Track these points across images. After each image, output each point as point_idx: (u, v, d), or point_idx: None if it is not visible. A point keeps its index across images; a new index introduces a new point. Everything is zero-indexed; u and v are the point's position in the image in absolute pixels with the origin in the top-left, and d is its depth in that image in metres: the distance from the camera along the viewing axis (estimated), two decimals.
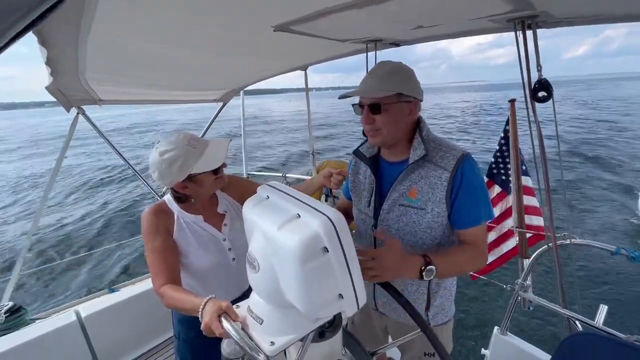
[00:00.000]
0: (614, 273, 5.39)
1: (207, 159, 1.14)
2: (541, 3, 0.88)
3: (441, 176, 1.02)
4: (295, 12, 0.98)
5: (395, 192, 1.09)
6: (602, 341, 1.13)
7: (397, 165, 1.12)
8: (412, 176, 1.07)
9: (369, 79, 1.05)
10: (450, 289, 1.22)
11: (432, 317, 1.20)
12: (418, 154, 1.04)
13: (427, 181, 1.04)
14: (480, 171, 1.07)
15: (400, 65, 1.04)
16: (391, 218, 1.11)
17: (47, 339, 1.83)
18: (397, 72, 1.03)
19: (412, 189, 1.06)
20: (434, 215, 1.05)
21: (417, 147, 1.05)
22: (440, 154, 1.05)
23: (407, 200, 1.07)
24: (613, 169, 12.15)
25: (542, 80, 1.08)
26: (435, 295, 1.17)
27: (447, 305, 1.22)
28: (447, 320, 1.24)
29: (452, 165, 1.02)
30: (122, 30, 1.09)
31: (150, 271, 1.12)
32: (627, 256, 1.27)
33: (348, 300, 0.73)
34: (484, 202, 1.05)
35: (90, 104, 2.06)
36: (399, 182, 1.08)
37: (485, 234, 1.10)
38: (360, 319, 1.40)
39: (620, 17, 1.03)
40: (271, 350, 0.74)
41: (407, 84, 1.02)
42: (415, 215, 1.07)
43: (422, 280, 0.96)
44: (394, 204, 1.10)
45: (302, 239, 0.63)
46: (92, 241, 8.29)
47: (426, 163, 1.05)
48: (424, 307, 1.18)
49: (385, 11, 0.95)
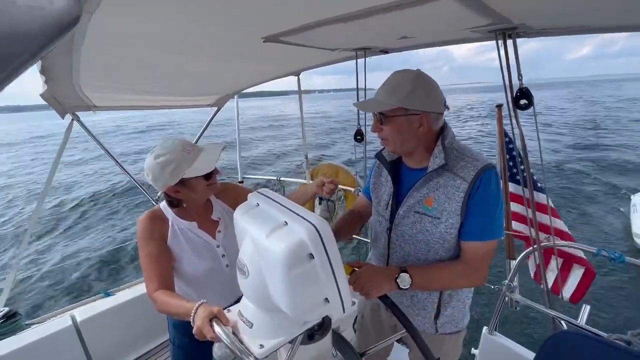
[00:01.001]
0: (597, 274, 5.51)
1: (199, 164, 1.16)
2: (518, 17, 0.92)
3: (459, 187, 1.00)
4: (283, 25, 1.01)
5: (412, 199, 1.08)
6: (584, 340, 1.17)
7: (417, 172, 1.11)
8: (430, 184, 1.05)
9: (380, 89, 1.04)
10: (465, 301, 1.21)
11: (440, 326, 1.19)
12: (437, 163, 1.02)
13: (444, 190, 1.02)
14: (500, 187, 1.04)
15: (412, 76, 1.00)
16: (405, 224, 1.11)
17: (43, 343, 1.84)
18: (405, 84, 1.00)
19: (429, 197, 1.05)
20: (447, 226, 1.03)
21: (437, 156, 1.03)
22: (462, 164, 1.02)
23: (423, 208, 1.06)
24: (608, 170, 12.31)
25: (523, 88, 1.12)
26: (446, 305, 1.16)
27: (459, 317, 1.21)
28: (456, 331, 1.23)
29: (471, 176, 0.99)
30: (115, 39, 1.11)
31: (144, 276, 1.14)
32: (608, 257, 1.32)
33: (334, 305, 0.76)
34: (492, 219, 1.01)
35: (84, 110, 2.07)
36: (417, 189, 1.07)
37: (489, 253, 1.05)
38: (369, 313, 1.41)
39: (596, 28, 1.07)
40: (260, 353, 0.76)
41: (412, 97, 0.99)
42: (430, 224, 1.05)
43: (400, 290, 0.98)
44: (409, 210, 1.09)
45: (288, 245, 0.66)
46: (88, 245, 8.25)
47: (445, 172, 1.03)
48: (434, 315, 1.17)
49: (369, 24, 0.98)
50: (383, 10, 0.82)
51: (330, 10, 0.88)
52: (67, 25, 0.23)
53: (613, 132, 20.03)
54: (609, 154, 14.46)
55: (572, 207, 8.78)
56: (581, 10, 0.88)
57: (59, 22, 0.23)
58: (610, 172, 11.87)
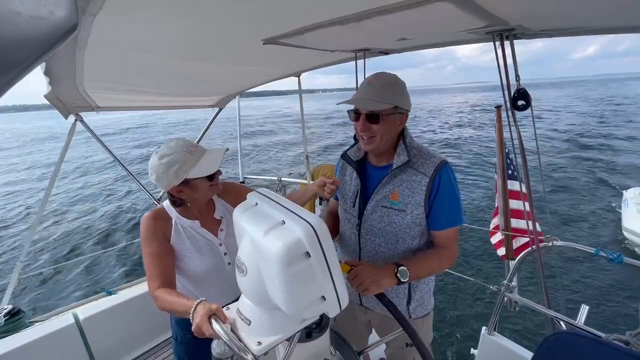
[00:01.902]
0: (595, 274, 5.55)
1: (203, 165, 1.18)
2: (514, 18, 0.92)
3: (421, 181, 1.11)
4: (282, 27, 1.03)
5: (379, 195, 1.17)
6: (581, 340, 1.17)
7: (382, 170, 1.20)
8: (394, 180, 1.15)
9: (367, 89, 1.11)
10: (429, 283, 1.30)
11: (412, 311, 1.28)
12: (401, 160, 1.12)
13: (408, 185, 1.13)
14: (456, 179, 1.15)
15: (395, 78, 1.12)
16: (374, 218, 1.18)
17: (46, 341, 1.86)
18: (392, 84, 1.10)
19: (395, 192, 1.14)
20: (413, 216, 1.13)
21: (401, 154, 1.14)
22: (421, 161, 1.13)
23: (389, 203, 1.15)
24: (604, 169, 12.34)
25: (520, 89, 1.13)
26: (415, 289, 1.25)
27: (427, 299, 1.30)
28: (426, 313, 1.32)
29: (431, 171, 1.10)
30: (118, 42, 1.13)
31: (147, 274, 1.16)
32: (606, 258, 1.32)
33: (330, 302, 0.77)
34: (457, 208, 1.14)
35: (87, 111, 2.10)
36: (383, 185, 1.16)
37: (456, 237, 1.19)
38: (343, 314, 1.45)
39: (593, 30, 1.08)
40: (258, 349, 0.78)
41: (401, 97, 1.10)
42: (396, 217, 1.14)
43: (400, 284, 1.03)
44: (377, 205, 1.17)
45: (285, 244, 0.68)
46: (90, 244, 8.31)
47: (408, 168, 1.13)
48: (406, 301, 1.26)
49: (366, 27, 0.99)
50: (379, 13, 0.83)
51: (327, 13, 0.89)
52: (65, 33, 0.25)
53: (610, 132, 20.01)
54: (603, 154, 14.56)
55: (567, 204, 8.89)
56: (576, 12, 0.89)
57: (58, 31, 0.25)
58: (606, 171, 11.98)
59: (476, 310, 4.64)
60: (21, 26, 0.22)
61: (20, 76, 0.24)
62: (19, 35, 0.23)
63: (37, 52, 0.24)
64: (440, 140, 20.45)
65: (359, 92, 1.13)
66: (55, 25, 0.24)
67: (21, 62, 0.23)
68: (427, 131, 24.80)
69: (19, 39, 0.23)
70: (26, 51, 0.23)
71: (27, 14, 0.22)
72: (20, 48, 0.23)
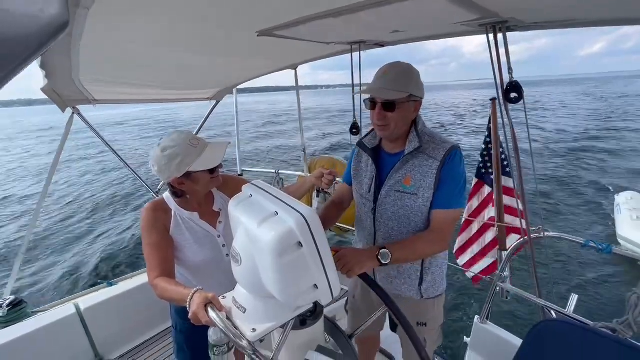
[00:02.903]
0: (585, 264, 5.67)
1: (205, 159, 1.19)
2: (506, 11, 0.93)
3: (432, 165, 1.15)
4: (276, 19, 1.03)
5: (392, 180, 1.21)
6: (569, 327, 1.21)
7: (395, 156, 1.24)
8: (407, 166, 1.19)
9: (381, 79, 1.14)
10: (442, 266, 1.34)
11: (424, 291, 1.32)
12: (413, 146, 1.17)
13: (420, 170, 1.17)
14: (464, 165, 1.18)
15: (409, 67, 1.15)
16: (388, 202, 1.23)
17: (49, 330, 1.91)
18: (407, 73, 1.14)
19: (407, 177, 1.19)
20: (424, 200, 1.17)
21: (413, 140, 1.18)
22: (433, 146, 1.17)
23: (402, 187, 1.20)
24: (598, 166, 12.47)
25: (513, 82, 1.14)
26: (427, 271, 1.30)
27: (439, 281, 1.34)
28: (438, 294, 1.35)
29: (442, 155, 1.14)
30: (113, 36, 1.13)
31: (147, 264, 1.18)
32: (596, 248, 1.35)
33: (323, 290, 0.80)
34: (459, 191, 1.17)
35: (84, 104, 2.10)
36: (396, 170, 1.21)
37: (453, 221, 1.20)
38: (360, 293, 1.53)
39: (586, 22, 1.08)
40: (253, 336, 0.80)
41: (416, 85, 1.14)
42: (409, 200, 1.19)
43: (382, 265, 1.08)
44: (390, 190, 1.22)
45: (277, 234, 0.70)
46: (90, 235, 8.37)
47: (420, 154, 1.17)
48: (418, 282, 1.30)
49: (359, 19, 1.00)
50: (371, 5, 0.83)
51: (321, 5, 0.90)
52: (57, 30, 0.26)
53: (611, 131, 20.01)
54: (596, 153, 14.63)
55: (558, 198, 9.03)
56: (568, 3, 0.89)
57: (49, 28, 0.26)
58: (598, 172, 12.03)
59: (469, 300, 4.73)
60: (11, 24, 0.24)
61: (12, 74, 0.25)
62: (9, 34, 0.24)
63: (29, 50, 0.25)
64: None
65: (374, 82, 1.15)
66: (46, 23, 0.25)
67: (13, 60, 0.25)
68: None
69: (9, 37, 0.24)
70: (17, 49, 0.25)
71: (17, 11, 0.23)
72: (11, 46, 0.24)
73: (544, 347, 1.20)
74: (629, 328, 1.25)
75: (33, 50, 0.25)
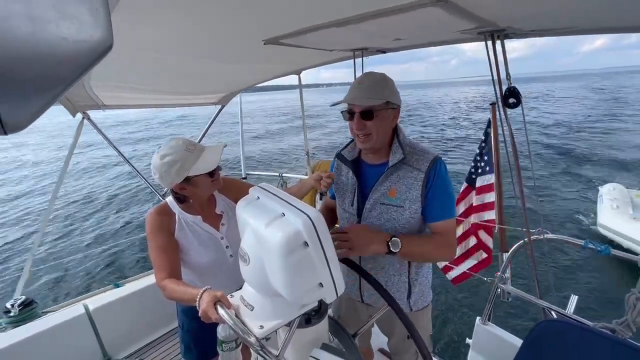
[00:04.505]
0: (585, 265, 5.71)
1: (203, 163, 1.23)
2: (503, 20, 0.97)
3: (417, 177, 1.14)
4: (282, 29, 1.07)
5: (377, 192, 1.19)
6: (569, 327, 1.23)
7: (377, 168, 1.23)
8: (391, 177, 1.18)
9: (357, 88, 1.14)
10: (427, 276, 1.35)
11: (413, 304, 1.31)
12: (397, 158, 1.15)
13: (404, 182, 1.16)
14: (449, 174, 1.18)
15: (384, 76, 1.16)
16: (373, 216, 1.21)
17: (58, 330, 1.95)
18: (381, 82, 1.14)
19: (392, 189, 1.17)
20: (411, 212, 1.16)
21: (396, 151, 1.17)
22: (416, 157, 1.16)
23: (387, 200, 1.18)
24: (593, 164, 12.61)
25: (511, 88, 1.17)
26: (414, 282, 1.29)
27: (426, 291, 1.34)
28: (426, 305, 1.36)
29: (426, 166, 1.14)
30: (124, 43, 1.18)
31: (153, 266, 1.22)
32: (594, 249, 1.37)
33: (328, 289, 0.83)
34: (451, 201, 1.18)
35: (94, 109, 2.16)
36: (380, 183, 1.18)
37: (454, 228, 1.21)
38: (346, 312, 1.51)
39: (582, 30, 1.11)
40: (260, 332, 0.84)
41: (391, 92, 1.13)
42: (395, 213, 1.18)
43: (389, 253, 1.07)
44: (375, 203, 1.20)
45: (285, 235, 0.73)
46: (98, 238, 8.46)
47: (403, 165, 1.16)
48: (406, 295, 1.29)
49: (362, 28, 1.04)
50: (373, 16, 0.87)
51: (325, 15, 0.94)
52: (104, 52, 0.30)
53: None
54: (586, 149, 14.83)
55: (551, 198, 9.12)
56: (563, 13, 0.93)
57: (98, 51, 0.30)
58: (585, 165, 12.40)
59: (471, 302, 4.74)
60: (67, 49, 0.28)
61: (64, 91, 0.30)
62: (66, 57, 0.28)
63: (80, 70, 0.29)
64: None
65: (350, 93, 1.16)
66: (95, 46, 0.29)
67: (66, 79, 0.29)
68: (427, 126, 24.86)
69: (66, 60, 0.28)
70: (71, 70, 0.29)
71: (71, 37, 0.27)
72: (67, 67, 0.28)
73: (544, 347, 1.22)
74: (628, 328, 1.27)
75: (83, 69, 0.29)
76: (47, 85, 0.28)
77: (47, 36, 0.26)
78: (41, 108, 0.29)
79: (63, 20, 0.27)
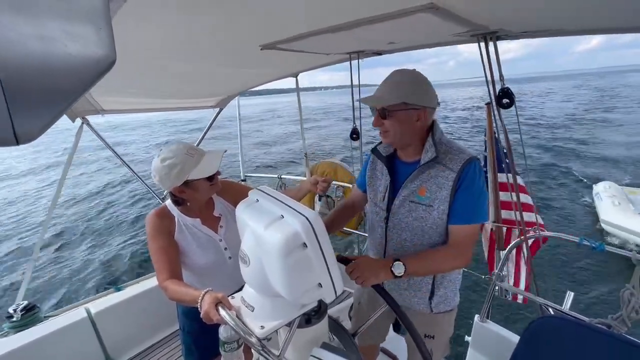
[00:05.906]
0: (580, 262, 5.76)
1: (202, 167, 1.24)
2: (494, 23, 0.99)
3: (448, 177, 1.10)
4: (278, 34, 1.09)
5: (407, 190, 1.18)
6: (565, 323, 1.24)
7: (410, 165, 1.20)
8: (422, 176, 1.15)
9: (381, 86, 1.13)
10: (455, 282, 1.31)
11: (434, 306, 1.29)
12: (429, 156, 1.12)
13: (435, 181, 1.13)
14: (483, 177, 1.14)
15: (411, 75, 1.10)
16: (401, 212, 1.20)
17: (61, 334, 1.96)
18: (406, 81, 1.10)
19: (422, 188, 1.15)
20: (439, 212, 1.13)
21: (429, 150, 1.13)
22: (450, 157, 1.12)
23: (417, 198, 1.16)
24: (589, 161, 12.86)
25: (504, 89, 1.19)
26: (439, 286, 1.26)
27: (451, 296, 1.31)
28: (449, 309, 1.32)
29: (459, 167, 1.09)
30: (122, 48, 1.19)
31: (155, 268, 1.23)
32: (589, 246, 1.39)
33: (326, 289, 0.84)
34: (479, 205, 1.12)
35: (93, 114, 2.17)
36: (411, 180, 1.17)
37: (473, 236, 1.15)
38: (366, 299, 1.50)
39: (573, 31, 1.14)
40: (261, 333, 0.85)
41: (413, 93, 1.09)
42: (424, 212, 1.15)
43: (395, 277, 1.06)
44: (404, 200, 1.18)
45: (283, 236, 0.74)
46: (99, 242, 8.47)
47: (436, 164, 1.13)
48: (428, 295, 1.27)
49: (357, 34, 1.06)
50: (367, 22, 0.89)
51: (320, 22, 0.96)
52: (108, 67, 0.32)
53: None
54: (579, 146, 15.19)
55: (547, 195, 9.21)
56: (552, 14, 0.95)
57: (103, 66, 0.32)
58: (577, 162, 12.67)
59: (469, 299, 4.75)
60: (74, 65, 0.30)
61: (72, 104, 0.31)
62: (72, 72, 0.30)
63: (85, 84, 0.31)
64: None
65: (376, 90, 1.14)
66: (99, 62, 0.31)
67: (73, 93, 0.31)
68: None
69: (72, 75, 0.30)
70: (77, 84, 0.31)
71: (79, 54, 0.29)
72: (73, 82, 0.30)
73: (541, 343, 1.23)
74: (623, 323, 1.29)
75: (89, 83, 0.31)
76: (56, 98, 0.30)
77: (56, 54, 0.28)
78: (51, 120, 0.30)
79: (70, 40, 0.29)
